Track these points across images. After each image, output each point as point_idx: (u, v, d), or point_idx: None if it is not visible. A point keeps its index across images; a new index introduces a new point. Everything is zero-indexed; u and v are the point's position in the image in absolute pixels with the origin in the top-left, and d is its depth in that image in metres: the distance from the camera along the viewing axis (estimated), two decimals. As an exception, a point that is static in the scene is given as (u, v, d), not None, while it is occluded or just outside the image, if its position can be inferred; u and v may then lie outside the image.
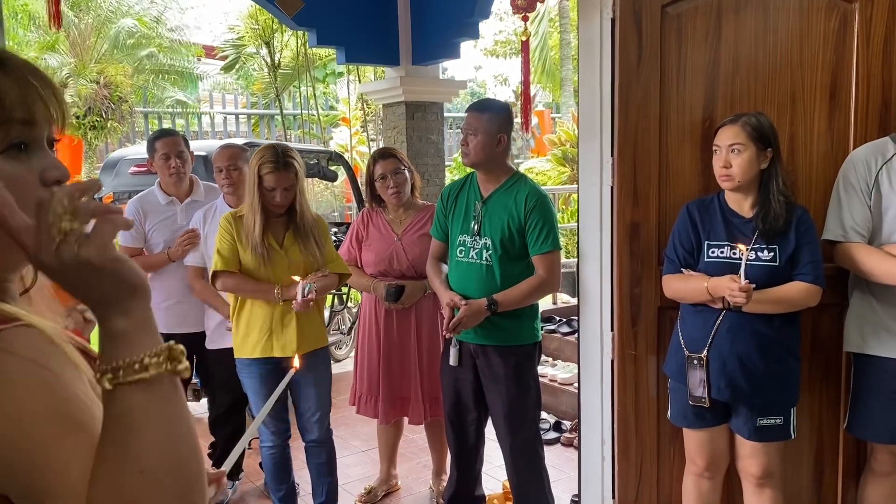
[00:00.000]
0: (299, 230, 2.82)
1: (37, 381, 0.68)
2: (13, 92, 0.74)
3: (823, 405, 2.66)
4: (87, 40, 11.27)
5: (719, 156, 2.31)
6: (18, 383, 0.67)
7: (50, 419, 0.68)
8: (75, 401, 0.71)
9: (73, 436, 0.69)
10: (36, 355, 0.69)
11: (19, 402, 0.67)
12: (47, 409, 0.68)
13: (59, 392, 0.69)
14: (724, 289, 2.19)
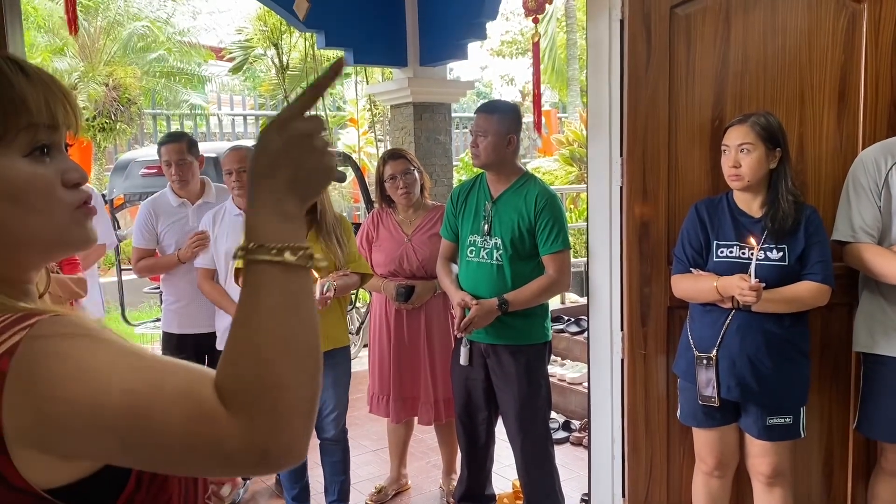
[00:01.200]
0: (321, 229, 2.85)
1: (91, 346, 0.71)
2: (38, 97, 0.76)
3: (833, 405, 2.66)
4: (97, 43, 11.33)
5: (728, 156, 2.32)
6: (83, 356, 0.69)
7: (124, 370, 0.70)
8: (129, 344, 0.73)
9: (148, 363, 0.71)
10: (82, 330, 0.72)
11: (91, 371, 0.69)
12: (115, 362, 0.70)
13: (113, 342, 0.72)
14: (735, 288, 2.20)
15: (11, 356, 0.68)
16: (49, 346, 0.69)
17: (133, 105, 10.97)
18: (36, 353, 0.68)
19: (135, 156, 5.38)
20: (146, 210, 3.41)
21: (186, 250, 3.25)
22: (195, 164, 3.41)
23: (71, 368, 0.68)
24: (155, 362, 0.72)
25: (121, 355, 0.71)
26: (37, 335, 0.69)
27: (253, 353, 0.71)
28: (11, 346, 0.68)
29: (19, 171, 0.76)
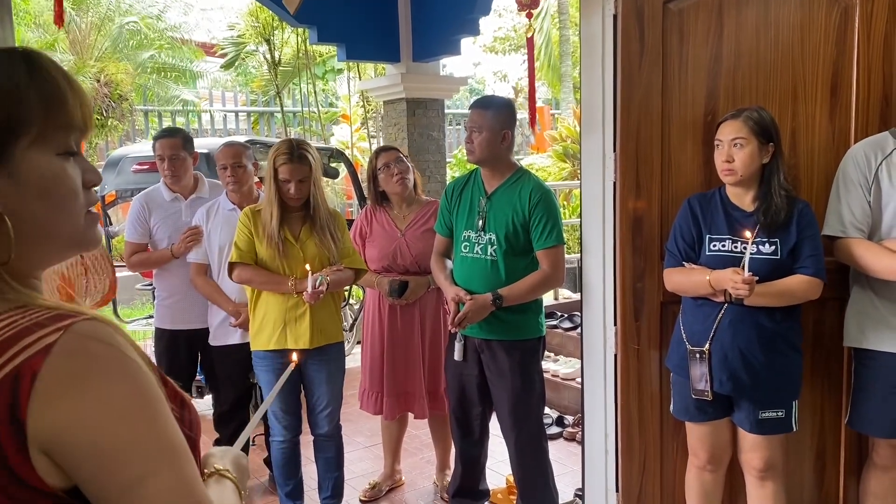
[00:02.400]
0: (315, 224, 2.85)
1: (123, 367, 0.72)
2: (76, 101, 0.80)
3: (825, 399, 2.67)
4: (88, 38, 11.27)
5: (721, 150, 2.33)
6: (113, 371, 0.71)
7: (142, 408, 0.72)
8: (156, 390, 0.75)
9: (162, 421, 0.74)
10: (117, 343, 0.73)
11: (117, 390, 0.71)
12: (139, 396, 0.72)
13: (144, 381, 0.74)
14: (727, 281, 2.21)
15: (46, 355, 0.68)
16: (87, 355, 0.70)
17: (124, 101, 10.91)
18: (81, 353, 0.70)
19: (126, 152, 5.35)
20: (139, 204, 3.40)
21: (180, 245, 3.24)
22: (188, 161, 3.40)
23: (106, 392, 0.70)
24: (175, 431, 0.75)
25: (151, 403, 0.73)
26: (74, 338, 0.70)
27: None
28: (46, 346, 0.69)
29: (53, 168, 0.78)
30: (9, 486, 0.68)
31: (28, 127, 0.75)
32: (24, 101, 0.75)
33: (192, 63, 12.61)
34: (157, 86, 11.89)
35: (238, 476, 0.95)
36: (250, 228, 2.85)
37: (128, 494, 0.70)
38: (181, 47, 12.49)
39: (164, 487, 0.71)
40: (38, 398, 0.67)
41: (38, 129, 0.76)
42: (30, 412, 0.67)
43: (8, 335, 0.70)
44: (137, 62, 11.61)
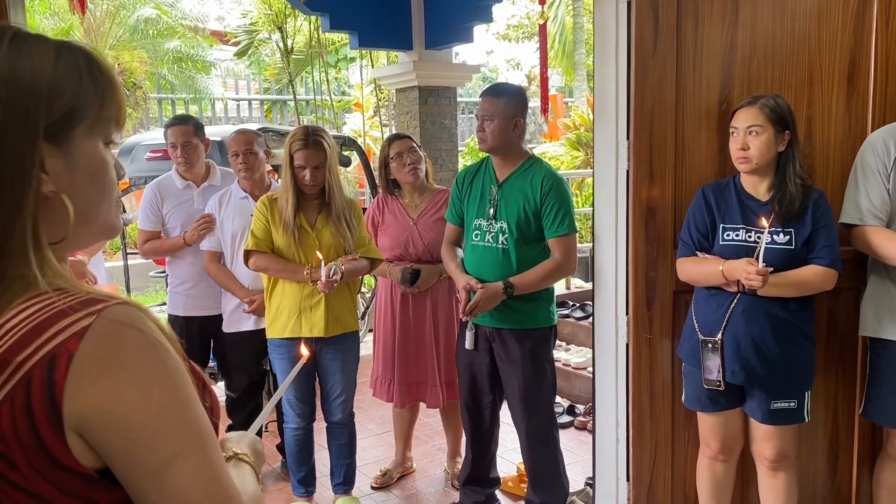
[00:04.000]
0: (331, 212, 2.86)
1: (155, 351, 0.75)
2: (122, 96, 0.85)
3: (839, 389, 2.66)
4: (102, 27, 11.30)
5: (736, 138, 2.30)
6: (145, 354, 0.74)
7: (173, 391, 0.75)
8: (185, 374, 0.78)
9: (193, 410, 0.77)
10: (148, 328, 0.75)
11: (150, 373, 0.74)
12: (170, 380, 0.75)
13: (175, 365, 0.76)
14: (741, 272, 2.19)
15: (81, 338, 0.70)
16: (127, 335, 0.73)
17: (138, 89, 10.94)
18: (114, 336, 0.72)
19: (140, 139, 5.38)
20: (152, 192, 3.42)
21: (192, 233, 3.26)
22: (200, 147, 3.40)
23: (138, 375, 0.72)
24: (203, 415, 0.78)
25: (181, 388, 0.76)
26: (107, 322, 0.72)
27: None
28: (81, 329, 0.71)
29: (102, 156, 0.83)
30: (43, 466, 0.71)
31: (86, 115, 0.80)
32: (85, 91, 0.79)
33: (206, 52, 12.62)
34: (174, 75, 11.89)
35: (255, 460, 0.97)
36: (267, 216, 2.86)
37: (158, 475, 0.72)
38: (196, 36, 12.50)
39: (193, 470, 0.74)
40: (74, 380, 0.69)
41: (92, 118, 0.80)
42: (66, 393, 0.69)
43: (44, 317, 0.72)
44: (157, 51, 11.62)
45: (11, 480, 0.71)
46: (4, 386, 0.70)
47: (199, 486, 0.74)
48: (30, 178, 0.75)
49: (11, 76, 0.75)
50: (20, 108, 0.75)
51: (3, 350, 0.71)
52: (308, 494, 3.13)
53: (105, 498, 0.74)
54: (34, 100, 0.75)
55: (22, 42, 0.77)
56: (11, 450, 0.70)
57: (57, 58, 0.78)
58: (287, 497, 3.27)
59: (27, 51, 0.77)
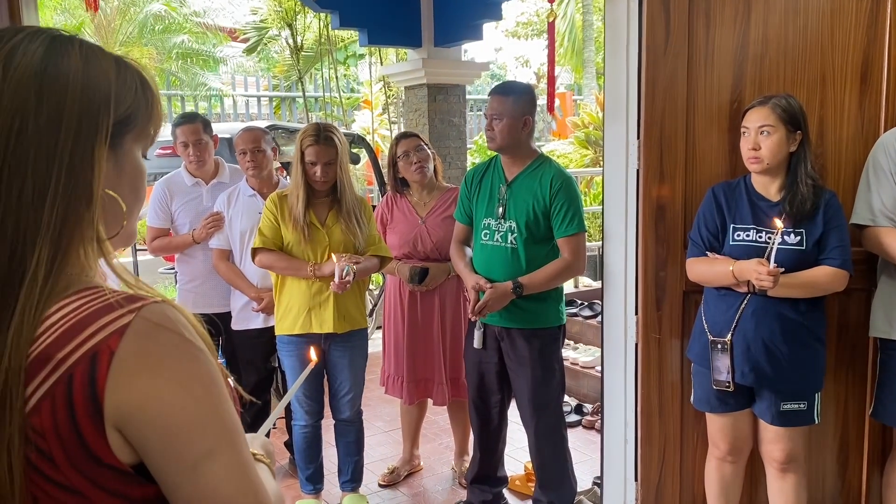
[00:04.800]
0: (342, 209, 2.86)
1: (192, 350, 0.77)
2: (162, 116, 0.91)
3: (849, 390, 2.64)
4: (112, 23, 11.34)
5: (748, 138, 2.29)
6: (184, 352, 0.76)
7: (209, 389, 0.78)
8: (219, 373, 0.81)
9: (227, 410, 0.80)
10: (185, 327, 0.78)
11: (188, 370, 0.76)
12: (207, 377, 0.78)
13: (210, 364, 0.79)
14: (751, 272, 2.18)
15: (121, 336, 0.72)
16: (166, 331, 0.75)
17: (148, 86, 10.95)
18: (154, 334, 0.74)
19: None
20: (161, 189, 3.43)
21: (201, 231, 3.26)
22: (210, 144, 3.41)
23: (177, 372, 0.75)
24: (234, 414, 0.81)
25: (216, 385, 0.78)
26: (146, 320, 0.74)
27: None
28: (122, 327, 0.73)
29: (142, 165, 0.88)
30: (81, 461, 0.72)
31: (137, 124, 0.84)
32: (139, 103, 0.84)
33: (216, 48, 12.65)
34: (183, 71, 11.93)
35: (270, 458, 1.00)
36: (276, 214, 2.87)
37: (193, 470, 0.75)
38: (205, 33, 12.52)
39: (226, 466, 0.76)
40: (115, 376, 0.71)
41: (139, 128, 0.85)
42: (107, 389, 0.71)
43: (85, 314, 0.74)
44: (164, 47, 11.66)
45: (47, 475, 0.72)
46: (45, 382, 0.71)
47: (232, 481, 0.76)
48: (94, 176, 0.78)
49: (85, 81, 0.79)
50: (93, 109, 0.79)
51: (45, 346, 0.72)
52: (316, 491, 3.14)
53: (137, 493, 0.76)
54: (104, 103, 0.80)
55: (88, 50, 0.81)
56: (50, 445, 0.72)
57: (118, 69, 0.83)
58: (295, 494, 3.28)
59: (95, 59, 0.81)
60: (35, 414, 0.71)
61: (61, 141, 0.76)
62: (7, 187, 0.74)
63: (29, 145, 0.75)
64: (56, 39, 0.79)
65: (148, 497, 0.77)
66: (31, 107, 0.75)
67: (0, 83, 0.75)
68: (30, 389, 0.71)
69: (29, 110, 0.75)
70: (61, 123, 0.76)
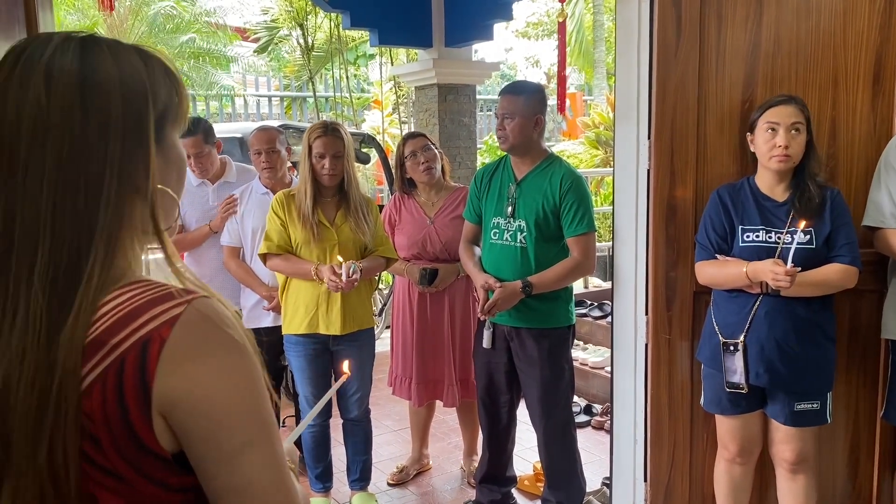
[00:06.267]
0: (350, 207, 2.88)
1: (238, 343, 0.80)
2: (188, 95, 0.92)
3: (860, 392, 2.63)
4: (125, 23, 11.40)
5: (775, 133, 2.25)
6: (230, 345, 0.80)
7: (252, 382, 0.81)
8: (259, 369, 0.83)
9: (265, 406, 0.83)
10: (230, 321, 0.81)
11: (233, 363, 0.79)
12: (250, 371, 0.81)
13: (253, 359, 0.82)
14: (767, 273, 2.17)
15: (172, 326, 0.76)
16: (213, 325, 0.79)
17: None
18: (202, 326, 0.78)
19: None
20: None
21: (217, 219, 3.29)
22: (213, 152, 3.42)
23: (224, 364, 0.78)
24: (271, 409, 0.83)
25: (257, 379, 0.82)
26: (196, 313, 0.78)
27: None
28: (173, 317, 0.76)
29: (183, 151, 0.91)
30: (125, 445, 0.75)
31: (172, 113, 0.87)
32: (170, 91, 0.86)
33: (227, 48, 12.70)
34: (194, 70, 11.98)
35: (294, 461, 1.01)
36: (282, 216, 2.87)
37: (232, 460, 0.78)
38: (216, 32, 12.57)
39: (262, 458, 0.79)
40: (165, 363, 0.75)
41: (174, 116, 0.87)
42: (157, 376, 0.75)
43: (138, 304, 0.77)
44: (174, 46, 11.71)
45: (92, 458, 0.75)
46: (98, 366, 0.74)
47: (267, 474, 0.79)
48: (147, 174, 0.82)
49: (123, 82, 0.81)
50: (136, 110, 0.81)
51: (99, 332, 0.75)
52: (325, 490, 3.15)
53: (176, 482, 0.79)
54: (144, 102, 0.82)
55: (115, 49, 0.83)
56: (97, 427, 0.74)
57: (145, 62, 0.84)
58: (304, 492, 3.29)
59: (125, 58, 0.83)
60: (86, 396, 0.74)
61: (111, 146, 0.79)
62: (62, 197, 0.77)
63: (81, 155, 0.78)
64: (85, 44, 0.81)
65: (185, 486, 0.79)
66: (77, 118, 0.78)
67: (45, 100, 0.77)
68: (83, 372, 0.75)
69: (76, 121, 0.78)
70: (109, 130, 0.79)
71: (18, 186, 0.78)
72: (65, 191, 0.78)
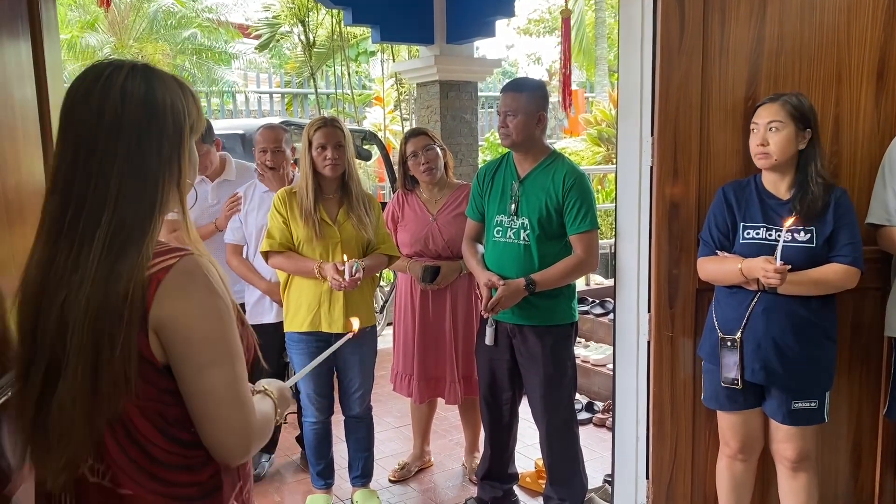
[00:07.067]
0: (352, 203, 2.87)
1: (214, 288, 1.12)
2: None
3: (863, 390, 2.63)
4: (126, 19, 11.39)
5: (757, 133, 2.29)
6: (208, 288, 1.12)
7: (222, 317, 1.13)
8: (230, 310, 1.15)
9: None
10: (211, 272, 1.13)
11: (209, 300, 1.12)
12: (221, 309, 1.13)
13: (225, 300, 1.14)
14: (759, 270, 2.17)
15: (167, 271, 1.09)
16: (195, 274, 1.11)
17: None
18: (188, 274, 1.10)
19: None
20: None
21: (222, 218, 3.28)
22: (212, 151, 3.41)
23: (201, 301, 1.10)
24: (238, 342, 1.17)
25: (226, 318, 1.14)
26: (185, 264, 1.10)
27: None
28: (167, 266, 1.09)
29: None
30: (125, 355, 1.06)
31: (197, 126, 1.18)
32: (193, 110, 1.17)
33: (228, 44, 12.68)
34: (195, 67, 11.96)
35: (279, 399, 1.30)
36: (284, 213, 2.87)
37: (200, 372, 1.10)
38: (217, 29, 12.55)
39: (224, 374, 1.11)
40: (159, 297, 1.07)
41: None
42: (153, 304, 1.07)
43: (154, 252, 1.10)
44: (175, 42, 11.70)
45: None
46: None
47: (226, 387, 1.11)
48: (186, 168, 1.15)
49: (172, 103, 1.12)
50: (180, 123, 1.13)
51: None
52: (327, 487, 3.15)
53: (165, 385, 1.11)
54: (183, 116, 1.14)
55: (163, 77, 1.13)
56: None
57: (181, 87, 1.15)
58: (306, 489, 3.29)
59: (170, 84, 1.14)
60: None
61: (164, 148, 1.11)
62: (128, 180, 1.09)
63: (143, 152, 1.10)
64: (146, 73, 1.12)
65: (171, 389, 1.12)
66: (144, 126, 1.10)
67: (121, 110, 1.09)
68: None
69: (142, 128, 1.10)
70: (163, 136, 1.11)
71: (95, 167, 1.08)
72: (131, 175, 1.09)
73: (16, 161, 1.50)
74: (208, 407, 1.10)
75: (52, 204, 1.10)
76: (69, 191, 1.09)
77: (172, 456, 1.14)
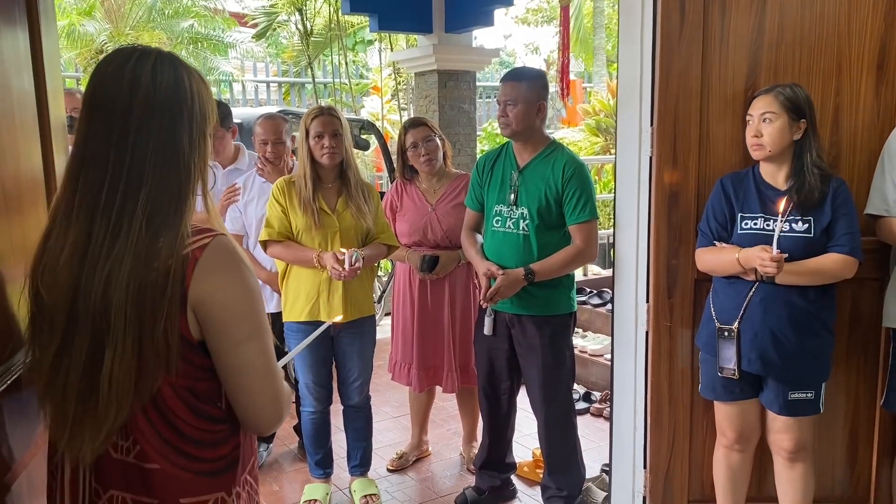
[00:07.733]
0: (350, 192, 2.86)
1: (247, 266, 1.19)
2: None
3: (860, 381, 2.63)
4: (122, 7, 11.31)
5: (751, 125, 2.29)
6: (242, 266, 1.17)
7: (255, 294, 1.19)
8: (260, 290, 1.22)
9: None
10: (241, 253, 1.18)
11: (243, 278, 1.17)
12: (254, 286, 1.19)
13: (256, 278, 1.21)
14: (756, 259, 2.18)
15: (203, 250, 1.13)
16: (231, 253, 1.16)
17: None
18: (225, 252, 1.15)
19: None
20: None
21: (219, 207, 3.27)
22: (227, 137, 3.39)
23: (237, 278, 1.16)
24: (266, 317, 1.24)
25: (258, 294, 1.20)
26: (219, 243, 1.15)
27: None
28: (203, 245, 1.13)
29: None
30: (168, 330, 1.10)
31: (213, 113, 1.22)
32: (210, 97, 1.22)
33: (225, 33, 12.61)
34: (192, 56, 11.89)
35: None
36: (283, 203, 2.86)
37: (237, 347, 1.16)
38: (214, 17, 12.48)
39: (259, 349, 1.18)
40: (197, 274, 1.12)
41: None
42: (192, 281, 1.11)
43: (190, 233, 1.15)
44: (173, 31, 11.63)
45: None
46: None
47: (261, 359, 1.18)
48: (208, 148, 1.20)
49: (196, 89, 1.18)
50: (202, 107, 1.19)
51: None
52: (325, 476, 3.16)
53: (198, 361, 1.16)
54: (205, 102, 1.19)
55: (187, 67, 1.18)
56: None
57: (201, 78, 1.21)
58: (304, 478, 3.30)
59: (193, 73, 1.19)
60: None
61: (193, 129, 1.17)
62: (163, 156, 1.13)
63: (176, 132, 1.14)
64: (173, 62, 1.17)
65: (205, 366, 1.17)
66: (176, 107, 1.15)
67: (153, 92, 1.13)
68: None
69: (175, 111, 1.14)
70: (193, 119, 1.17)
71: (130, 143, 1.11)
72: (165, 154, 1.13)
73: (14, 150, 1.49)
74: (246, 379, 1.16)
75: (87, 179, 1.11)
76: (104, 167, 1.11)
77: (200, 432, 1.18)
